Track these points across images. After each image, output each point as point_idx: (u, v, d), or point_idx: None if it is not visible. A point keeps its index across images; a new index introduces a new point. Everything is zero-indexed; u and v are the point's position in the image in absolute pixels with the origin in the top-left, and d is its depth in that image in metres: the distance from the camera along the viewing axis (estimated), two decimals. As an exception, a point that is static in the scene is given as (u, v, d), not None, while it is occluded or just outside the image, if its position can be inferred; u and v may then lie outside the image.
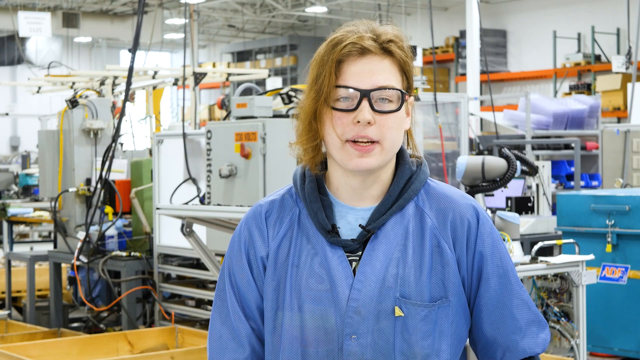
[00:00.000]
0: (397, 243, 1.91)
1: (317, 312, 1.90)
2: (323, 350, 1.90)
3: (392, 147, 1.89)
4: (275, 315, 1.94)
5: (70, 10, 20.65)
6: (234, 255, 2.01)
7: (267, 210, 2.00)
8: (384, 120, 1.87)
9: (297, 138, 1.96)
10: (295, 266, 1.93)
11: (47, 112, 17.17)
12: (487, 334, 1.97)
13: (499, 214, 5.16)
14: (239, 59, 25.17)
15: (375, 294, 1.88)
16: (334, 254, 1.91)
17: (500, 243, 1.99)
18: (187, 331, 6.19)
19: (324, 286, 1.90)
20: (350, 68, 1.88)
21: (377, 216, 1.92)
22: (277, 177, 5.94)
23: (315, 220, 1.93)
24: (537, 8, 19.79)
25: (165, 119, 21.73)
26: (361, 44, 1.88)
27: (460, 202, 1.96)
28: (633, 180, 9.75)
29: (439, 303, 1.91)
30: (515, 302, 1.96)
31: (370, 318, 1.88)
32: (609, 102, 16.94)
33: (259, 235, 1.99)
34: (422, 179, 1.96)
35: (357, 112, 1.86)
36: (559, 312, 5.51)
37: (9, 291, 8.36)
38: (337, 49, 1.88)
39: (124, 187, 7.42)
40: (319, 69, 1.90)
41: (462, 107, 8.98)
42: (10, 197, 12.32)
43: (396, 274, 1.89)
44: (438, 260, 1.92)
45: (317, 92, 1.89)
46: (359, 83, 1.87)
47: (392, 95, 1.88)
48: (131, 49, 7.05)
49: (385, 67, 1.89)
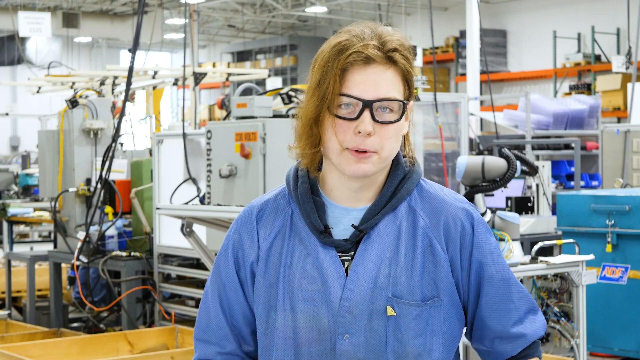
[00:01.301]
0: (389, 243, 1.93)
1: (310, 312, 1.91)
2: (316, 350, 1.91)
3: (389, 155, 1.92)
4: (268, 316, 1.96)
5: (70, 10, 20.65)
6: (221, 257, 2.05)
7: (260, 210, 2.02)
8: (384, 131, 1.89)
9: (297, 141, 1.97)
10: (287, 266, 1.95)
11: (47, 112, 17.17)
12: (494, 329, 2.00)
13: (499, 214, 5.16)
14: (239, 59, 25.17)
15: (368, 294, 1.90)
16: (327, 254, 1.93)
17: (493, 242, 2.01)
18: (187, 331, 6.19)
19: (316, 286, 1.92)
20: (354, 77, 1.89)
21: (369, 216, 1.93)
22: (277, 177, 5.94)
23: (308, 220, 1.95)
24: (537, 8, 19.79)
25: (165, 119, 21.73)
26: (366, 54, 1.88)
27: (453, 203, 1.98)
28: (633, 180, 9.75)
29: (431, 302, 1.92)
30: (516, 293, 2.00)
31: (362, 317, 1.90)
32: (609, 102, 16.94)
33: (248, 238, 2.01)
34: (414, 179, 1.98)
35: (359, 122, 1.87)
36: (559, 312, 5.51)
37: (9, 291, 8.36)
38: (342, 57, 1.88)
39: (124, 187, 7.42)
40: (323, 74, 1.90)
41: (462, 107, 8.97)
42: (10, 197, 12.32)
43: (388, 273, 1.91)
44: (430, 259, 1.93)
45: (320, 98, 1.90)
46: (362, 93, 1.87)
47: (393, 105, 1.89)
48: (131, 49, 7.05)
49: (388, 77, 1.89)
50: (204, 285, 7.11)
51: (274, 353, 1.95)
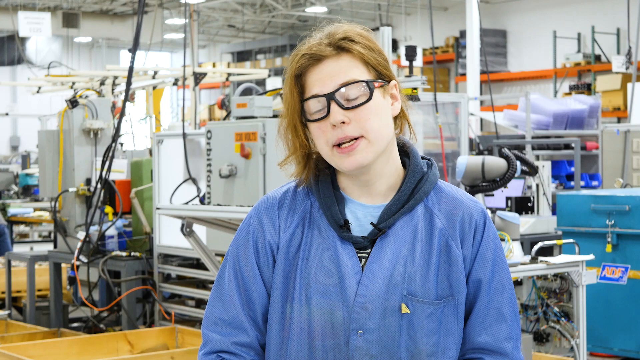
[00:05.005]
0: (405, 242, 1.94)
1: (325, 306, 1.92)
2: (330, 344, 1.92)
3: (378, 137, 1.91)
4: (284, 307, 1.96)
5: (70, 10, 20.65)
6: (240, 244, 2.02)
7: (280, 200, 2.01)
8: (358, 115, 1.89)
9: (292, 157, 1.98)
10: (305, 259, 1.95)
11: (47, 112, 17.17)
12: (479, 335, 1.97)
13: (499, 214, 5.16)
14: (239, 59, 25.18)
15: (382, 291, 1.91)
16: (344, 249, 1.93)
17: (499, 249, 2.01)
18: (187, 331, 6.19)
19: (333, 280, 1.93)
20: (310, 78, 1.92)
21: (387, 215, 1.94)
22: (277, 177, 5.93)
23: (329, 214, 1.95)
24: (537, 8, 19.79)
25: (165, 119, 21.74)
26: (313, 53, 1.91)
27: (470, 204, 1.99)
28: (633, 180, 9.75)
29: (445, 301, 1.93)
30: (508, 310, 1.98)
31: (376, 314, 1.90)
32: (609, 102, 16.93)
33: (270, 224, 2.00)
34: (432, 181, 1.99)
35: (330, 117, 1.89)
36: (559, 312, 5.51)
37: (9, 291, 8.35)
38: (293, 65, 1.92)
39: (124, 187, 7.42)
40: (285, 87, 1.94)
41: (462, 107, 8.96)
42: (10, 197, 12.34)
43: (403, 271, 1.92)
44: (445, 258, 1.94)
45: (288, 110, 1.93)
46: (322, 89, 1.90)
47: (357, 88, 1.90)
48: (131, 49, 7.05)
49: (343, 65, 1.91)
50: (204, 285, 7.13)
51: (289, 345, 1.95)
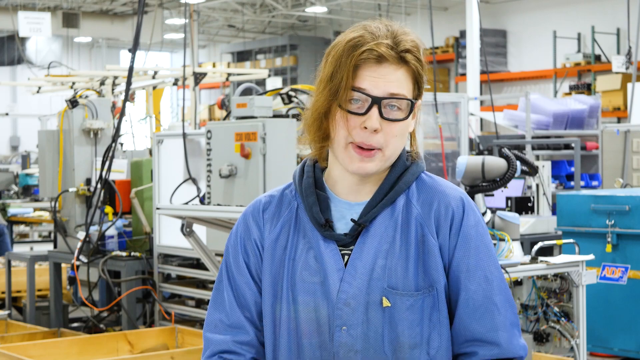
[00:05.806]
0: (387, 235, 1.95)
1: (310, 304, 1.95)
2: (316, 342, 1.95)
3: (392, 154, 1.94)
4: (274, 308, 1.99)
5: (70, 10, 20.65)
6: (231, 249, 2.07)
7: (265, 203, 2.06)
8: (390, 128, 1.91)
9: (306, 133, 1.99)
10: (291, 259, 1.98)
11: (47, 112, 17.17)
12: (469, 327, 1.95)
13: (499, 214, 5.16)
14: (239, 59, 25.17)
15: (364, 286, 1.92)
16: (327, 247, 1.96)
17: (483, 237, 1.97)
18: (187, 331, 6.19)
19: (317, 279, 1.95)
20: (365, 73, 1.90)
21: (367, 210, 1.95)
22: (277, 177, 5.93)
23: (310, 214, 1.98)
24: (537, 8, 19.78)
25: (165, 119, 21.73)
26: (379, 52, 1.90)
27: (448, 192, 1.98)
28: (633, 180, 9.75)
29: (424, 292, 1.93)
30: (499, 298, 1.95)
31: (359, 309, 1.92)
32: (609, 102, 16.93)
33: (255, 226, 2.04)
34: (414, 172, 1.98)
35: (366, 118, 1.89)
36: (559, 312, 5.51)
37: (9, 291, 8.35)
38: (355, 54, 1.90)
39: (124, 187, 7.42)
40: (335, 67, 1.92)
41: (462, 107, 8.97)
42: (10, 197, 12.33)
43: (384, 265, 1.93)
44: (423, 249, 1.94)
45: (332, 92, 1.91)
46: (372, 89, 1.89)
47: (401, 103, 1.91)
48: (131, 49, 7.05)
49: (399, 76, 1.91)
50: (204, 285, 7.13)
51: (280, 345, 1.99)
